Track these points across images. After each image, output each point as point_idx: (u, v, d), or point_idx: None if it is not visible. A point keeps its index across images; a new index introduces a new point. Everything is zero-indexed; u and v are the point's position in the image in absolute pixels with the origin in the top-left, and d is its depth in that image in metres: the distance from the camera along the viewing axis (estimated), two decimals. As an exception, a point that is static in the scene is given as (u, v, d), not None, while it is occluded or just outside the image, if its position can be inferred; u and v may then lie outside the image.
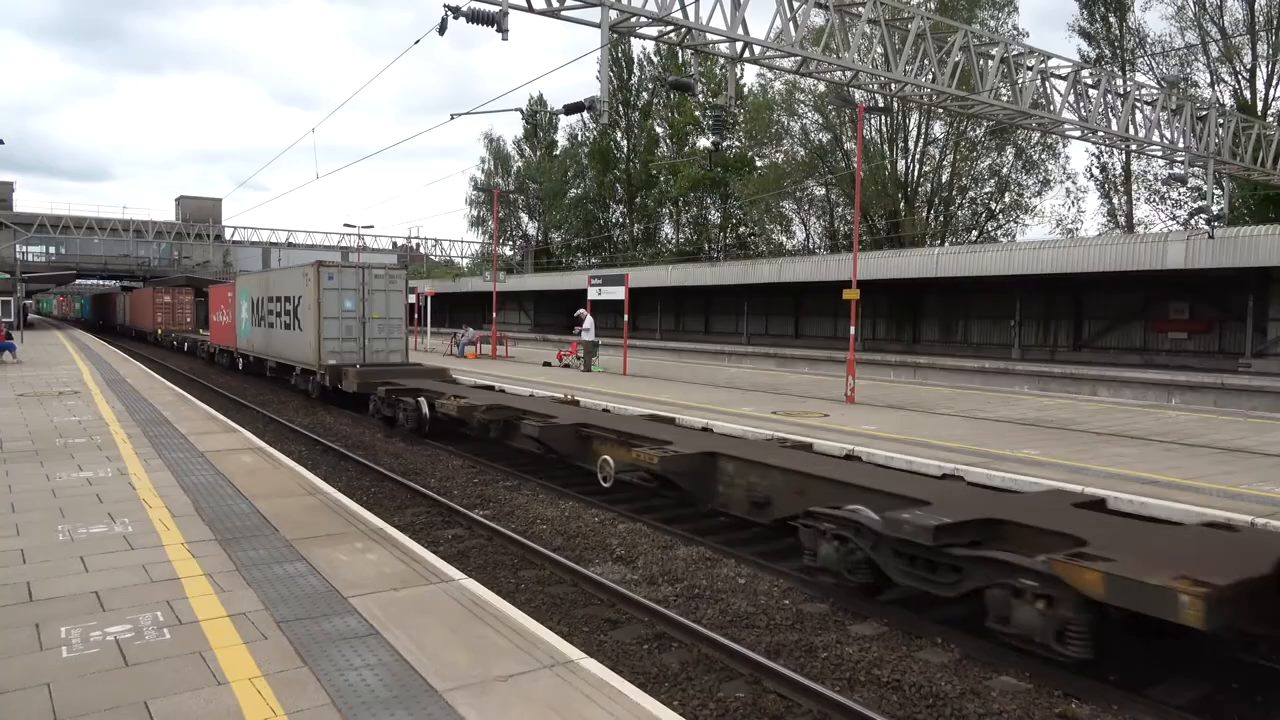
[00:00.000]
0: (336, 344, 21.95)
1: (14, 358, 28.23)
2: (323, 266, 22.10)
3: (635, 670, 6.52)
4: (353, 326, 22.21)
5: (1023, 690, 6.27)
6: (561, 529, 10.68)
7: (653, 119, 70.83)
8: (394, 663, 4.90)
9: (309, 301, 22.15)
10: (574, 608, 7.97)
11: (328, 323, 21.84)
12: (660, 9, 15.26)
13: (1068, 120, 21.24)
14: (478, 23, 13.74)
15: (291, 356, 24.28)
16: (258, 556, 6.87)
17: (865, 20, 17.41)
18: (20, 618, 5.50)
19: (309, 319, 22.26)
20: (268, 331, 26.63)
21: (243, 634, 5.28)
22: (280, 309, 25.16)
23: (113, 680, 4.64)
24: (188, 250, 71.94)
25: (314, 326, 21.88)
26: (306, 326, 22.51)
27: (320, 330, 21.74)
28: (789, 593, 8.29)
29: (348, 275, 22.32)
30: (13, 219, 63.47)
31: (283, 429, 18.87)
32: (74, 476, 9.79)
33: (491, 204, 74.34)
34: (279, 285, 25.61)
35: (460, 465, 14.73)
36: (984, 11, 48.41)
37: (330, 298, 21.89)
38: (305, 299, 22.54)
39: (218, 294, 35.57)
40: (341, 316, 22.09)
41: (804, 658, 6.84)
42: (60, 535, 7.37)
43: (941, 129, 52.15)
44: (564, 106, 15.96)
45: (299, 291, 23.20)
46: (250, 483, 9.66)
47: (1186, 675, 6.44)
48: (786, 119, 59.01)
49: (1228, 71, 43.28)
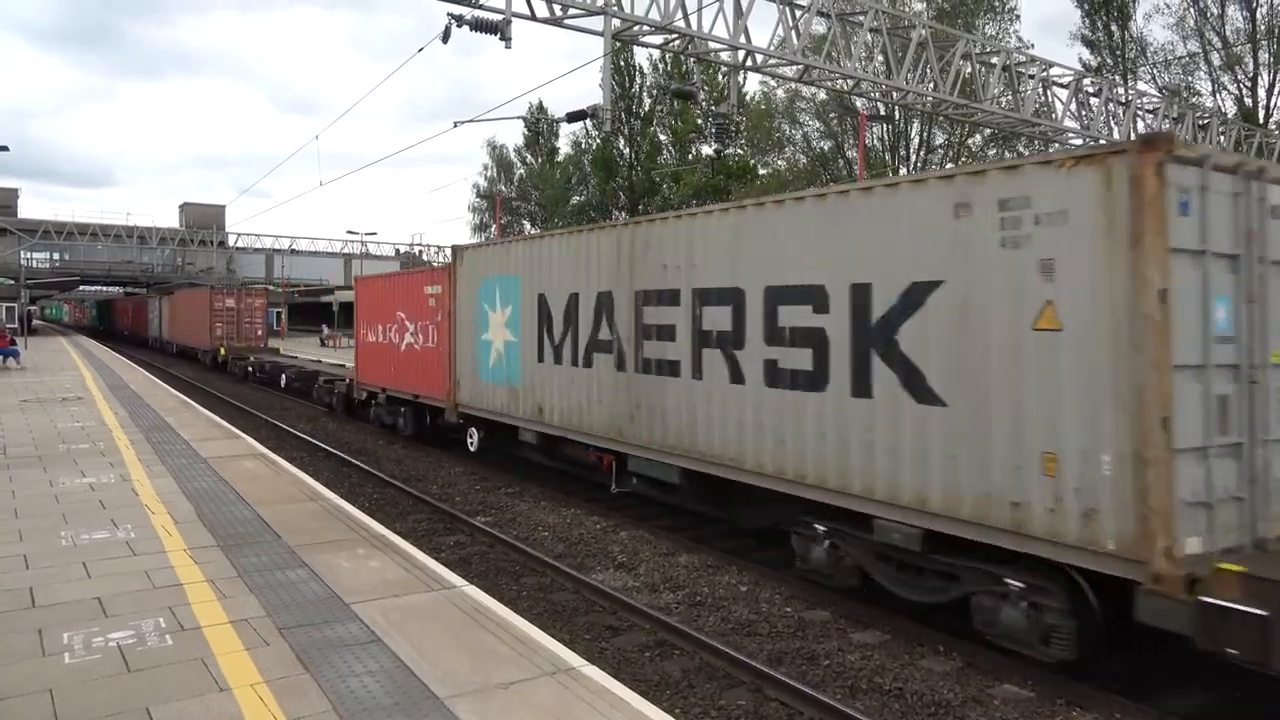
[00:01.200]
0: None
1: (18, 364, 28.28)
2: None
3: (637, 678, 6.51)
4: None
5: (1025, 698, 6.25)
6: (563, 536, 10.67)
7: (655, 127, 70.97)
8: (395, 669, 4.90)
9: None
10: (576, 615, 7.96)
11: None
12: (663, 18, 15.31)
13: (1070, 128, 21.27)
14: (481, 31, 13.80)
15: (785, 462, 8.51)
16: (260, 562, 6.87)
17: (867, 29, 17.46)
18: (23, 623, 5.51)
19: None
20: (615, 379, 10.82)
21: (245, 640, 5.29)
22: (713, 323, 9.23)
23: (115, 686, 4.65)
24: (191, 256, 72.06)
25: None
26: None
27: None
28: (791, 600, 8.28)
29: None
30: (17, 225, 63.61)
31: (285, 435, 18.87)
32: (77, 482, 9.81)
33: (494, 211, 74.53)
34: (698, 247, 9.43)
35: (462, 472, 14.73)
36: (985, 20, 48.52)
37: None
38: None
39: (381, 290, 18.69)
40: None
41: (806, 665, 6.83)
42: (63, 541, 7.38)
43: (943, 137, 52.23)
44: (567, 114, 16.04)
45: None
46: (252, 489, 9.67)
47: (1189, 685, 6.42)
48: (788, 126, 59.12)
49: (1230, 80, 43.36)
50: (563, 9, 14.51)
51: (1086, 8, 47.47)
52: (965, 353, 6.57)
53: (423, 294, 16.18)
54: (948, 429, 6.66)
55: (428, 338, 15.97)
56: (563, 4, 14.40)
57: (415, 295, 16.55)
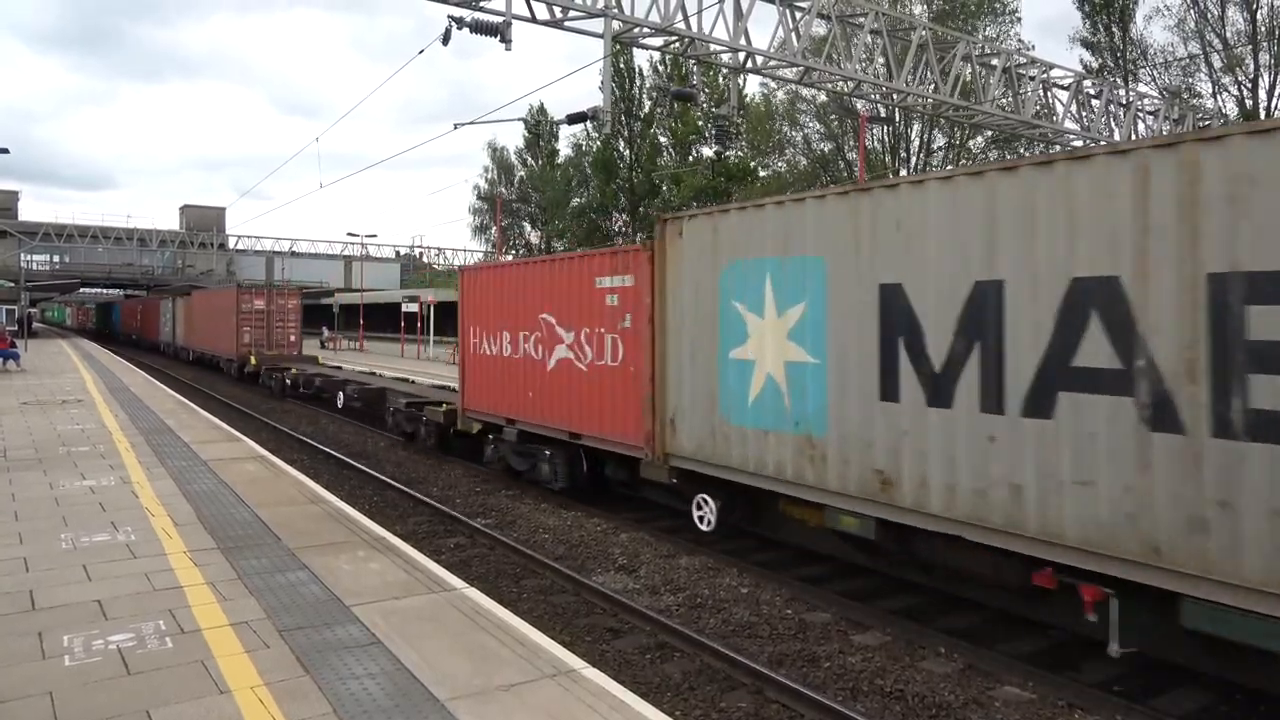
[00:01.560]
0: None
1: (18, 366, 28.28)
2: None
3: (638, 680, 6.51)
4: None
5: (1026, 700, 6.25)
6: (563, 538, 10.67)
7: (655, 128, 71.03)
8: (396, 672, 4.90)
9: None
10: (576, 617, 7.96)
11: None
12: (663, 20, 15.33)
13: (1070, 130, 21.28)
14: (481, 33, 13.81)
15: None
16: (260, 565, 6.87)
17: (867, 31, 17.48)
18: (23, 626, 5.50)
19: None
20: (1142, 444, 5.79)
21: (245, 643, 5.28)
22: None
23: (115, 689, 4.64)
24: (191, 259, 72.15)
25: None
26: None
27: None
28: (791, 602, 8.27)
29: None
30: (17, 228, 63.66)
31: (285, 437, 18.87)
32: (77, 485, 9.80)
33: (495, 213, 74.56)
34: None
35: (462, 474, 14.72)
36: (986, 21, 48.56)
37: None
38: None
39: (509, 282, 13.94)
40: None
41: (807, 667, 6.83)
42: (63, 544, 7.38)
43: (944, 139, 52.27)
44: (567, 116, 16.05)
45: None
46: (253, 491, 9.67)
47: (1189, 687, 6.41)
48: (789, 128, 59.20)
49: (1231, 81, 43.40)
50: (563, 11, 14.52)
51: (1087, 9, 47.54)
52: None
53: (590, 288, 11.56)
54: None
55: (603, 352, 11.31)
56: (563, 6, 14.42)
57: (576, 290, 11.88)
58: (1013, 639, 7.28)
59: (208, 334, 36.88)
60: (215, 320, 34.84)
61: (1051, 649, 7.08)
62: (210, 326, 36.14)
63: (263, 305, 32.37)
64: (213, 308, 36.21)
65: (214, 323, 35.16)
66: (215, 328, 34.78)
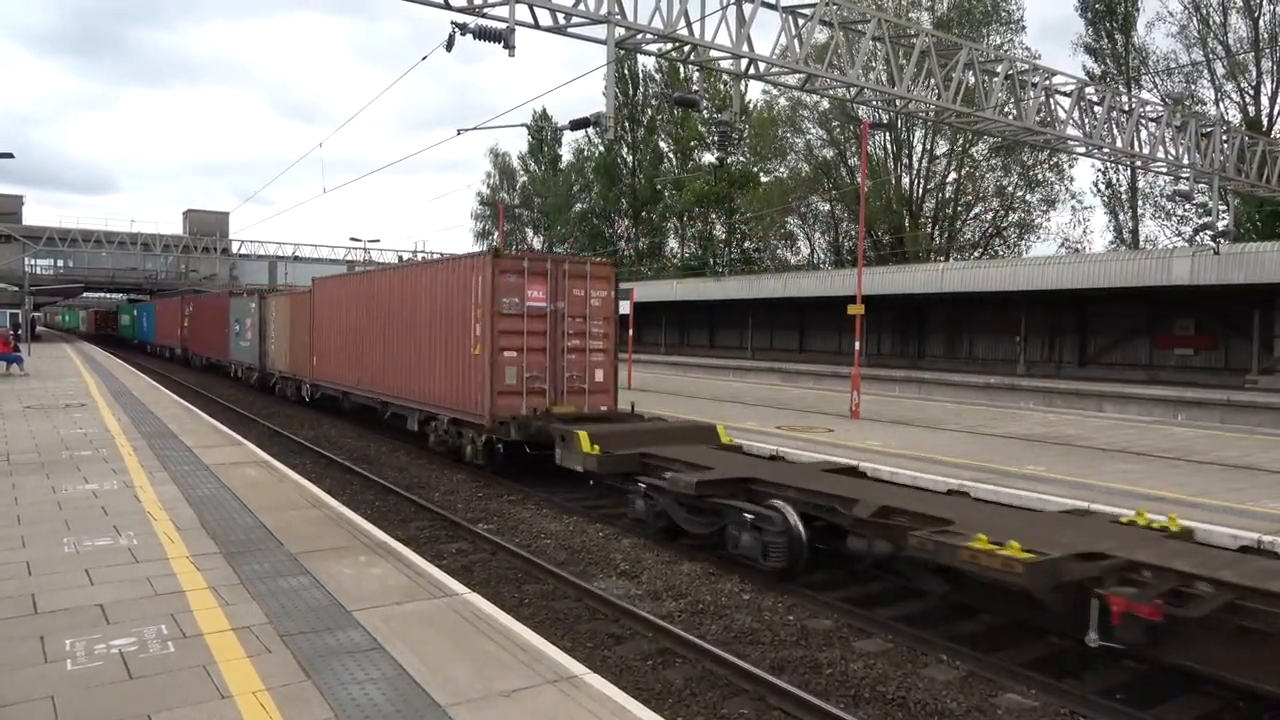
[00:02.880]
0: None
1: (21, 370, 28.34)
2: None
3: (639, 686, 6.50)
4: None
5: (1029, 708, 6.23)
6: (565, 543, 10.66)
7: (657, 134, 71.12)
8: (397, 677, 4.90)
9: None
10: (578, 623, 7.95)
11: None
12: (666, 26, 15.35)
13: (1072, 137, 21.28)
14: (484, 39, 13.83)
15: None
16: (262, 570, 6.87)
17: (870, 37, 17.49)
18: (25, 630, 5.51)
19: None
20: None
21: (247, 647, 5.28)
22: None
23: (116, 693, 4.64)
24: (194, 264, 72.33)
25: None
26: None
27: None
28: (793, 608, 8.26)
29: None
30: (21, 232, 63.84)
31: (288, 442, 18.88)
32: (80, 489, 9.82)
33: (497, 218, 74.64)
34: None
35: (464, 479, 14.72)
36: (991, 30, 48.62)
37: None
38: None
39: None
40: None
41: (809, 674, 6.82)
42: (66, 548, 7.39)
43: (946, 145, 52.29)
44: (570, 122, 16.06)
45: None
46: (255, 496, 9.68)
47: (1192, 694, 6.39)
48: (791, 134, 59.31)
49: (1233, 88, 43.41)
50: (566, 18, 14.55)
51: (1090, 16, 47.58)
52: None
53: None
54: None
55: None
56: (566, 13, 14.45)
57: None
58: (1015, 646, 7.26)
59: (379, 359, 18.85)
60: (405, 335, 17.58)
61: (1054, 656, 7.07)
62: (388, 346, 18.44)
63: (543, 297, 14.77)
64: (404, 304, 17.66)
65: (403, 339, 17.68)
66: (404, 349, 17.58)
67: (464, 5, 13.74)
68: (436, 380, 16.04)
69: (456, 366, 15.20)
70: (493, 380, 14.09)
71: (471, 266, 14.82)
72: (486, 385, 14.16)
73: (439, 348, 15.93)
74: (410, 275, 17.79)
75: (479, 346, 14.42)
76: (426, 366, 16.47)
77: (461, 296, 15.03)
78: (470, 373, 14.71)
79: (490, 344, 14.14)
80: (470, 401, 14.74)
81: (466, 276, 14.89)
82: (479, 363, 14.41)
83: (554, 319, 14.78)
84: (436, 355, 16.03)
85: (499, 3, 13.76)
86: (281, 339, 26.54)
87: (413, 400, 17.27)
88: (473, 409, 14.66)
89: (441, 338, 15.82)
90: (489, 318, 14.17)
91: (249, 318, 30.48)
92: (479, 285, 14.39)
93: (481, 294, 14.31)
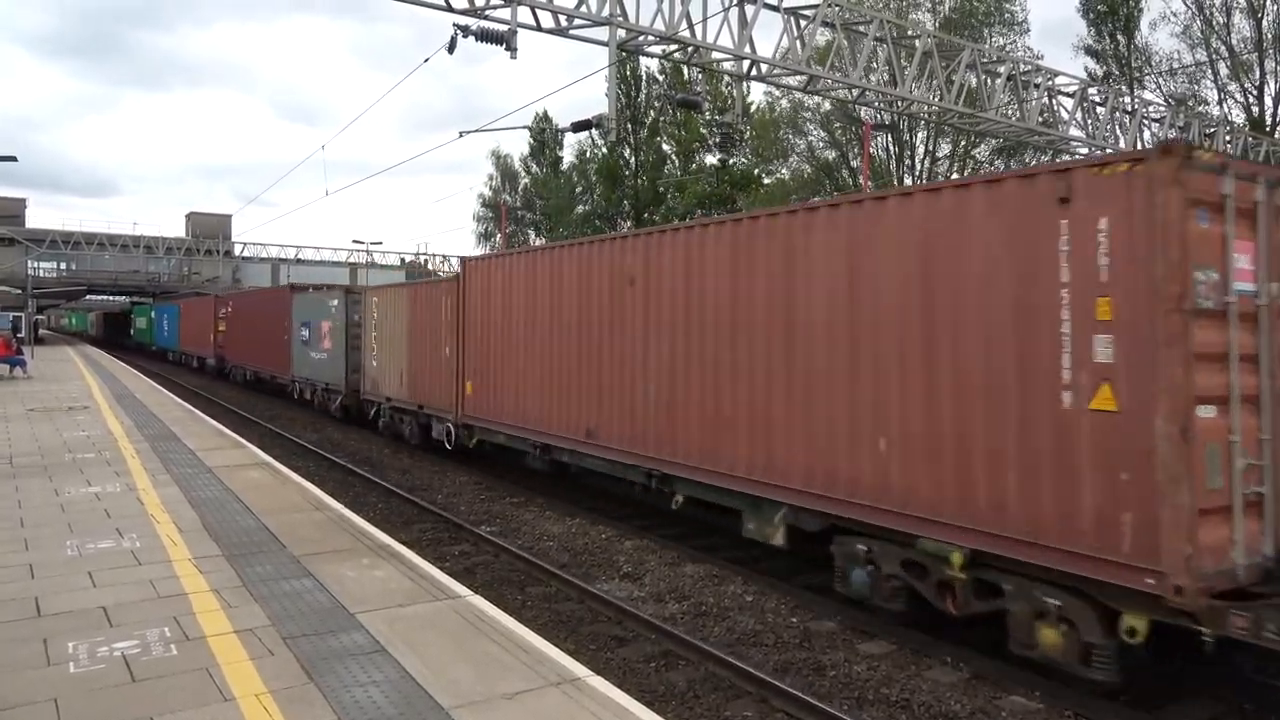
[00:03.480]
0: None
1: (24, 373, 28.38)
2: None
3: (642, 688, 6.49)
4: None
5: (1033, 710, 6.21)
6: (568, 545, 10.65)
7: (660, 136, 71.10)
8: (400, 680, 4.89)
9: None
10: (581, 625, 7.94)
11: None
12: (668, 28, 15.36)
13: (1075, 138, 21.26)
14: (487, 42, 13.85)
15: None
16: (265, 572, 6.87)
17: (872, 38, 17.49)
18: (28, 632, 5.51)
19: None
20: None
21: (249, 650, 5.28)
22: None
23: (119, 696, 4.64)
24: (197, 266, 72.43)
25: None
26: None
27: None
28: (797, 610, 8.24)
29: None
30: (25, 235, 63.95)
31: (290, 444, 18.88)
32: (82, 492, 9.82)
33: (499, 220, 74.71)
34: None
35: (467, 481, 14.71)
36: (993, 31, 48.56)
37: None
38: None
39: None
40: None
41: (812, 676, 6.80)
42: (69, 550, 7.39)
43: (948, 146, 52.23)
44: (572, 124, 16.08)
45: None
46: (257, 498, 9.68)
47: (1199, 695, 6.37)
48: (793, 136, 59.26)
49: (1237, 89, 43.34)
50: (568, 20, 14.57)
51: (1092, 17, 47.52)
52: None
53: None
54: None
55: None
56: (568, 15, 14.46)
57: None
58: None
59: (661, 395, 10.09)
60: (758, 353, 8.73)
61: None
62: (689, 372, 9.65)
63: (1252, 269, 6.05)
64: (750, 297, 8.84)
65: (752, 360, 8.81)
66: (739, 384, 8.92)
67: (466, 7, 13.76)
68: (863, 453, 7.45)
69: (1024, 432, 6.29)
70: (1186, 485, 5.44)
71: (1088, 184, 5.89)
72: (1175, 499, 5.47)
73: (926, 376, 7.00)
74: (798, 223, 8.23)
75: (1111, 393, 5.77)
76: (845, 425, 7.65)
77: (1035, 272, 6.21)
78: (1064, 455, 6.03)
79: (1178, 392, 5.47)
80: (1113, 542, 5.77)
81: (1053, 219, 6.07)
82: (1111, 434, 5.75)
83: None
84: (913, 392, 7.08)
85: (501, 4, 13.78)
86: (393, 352, 18.55)
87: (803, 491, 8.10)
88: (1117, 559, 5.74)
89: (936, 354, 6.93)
90: (1165, 323, 5.52)
91: (326, 321, 22.54)
92: (1111, 231, 5.75)
93: (1117, 256, 5.75)
